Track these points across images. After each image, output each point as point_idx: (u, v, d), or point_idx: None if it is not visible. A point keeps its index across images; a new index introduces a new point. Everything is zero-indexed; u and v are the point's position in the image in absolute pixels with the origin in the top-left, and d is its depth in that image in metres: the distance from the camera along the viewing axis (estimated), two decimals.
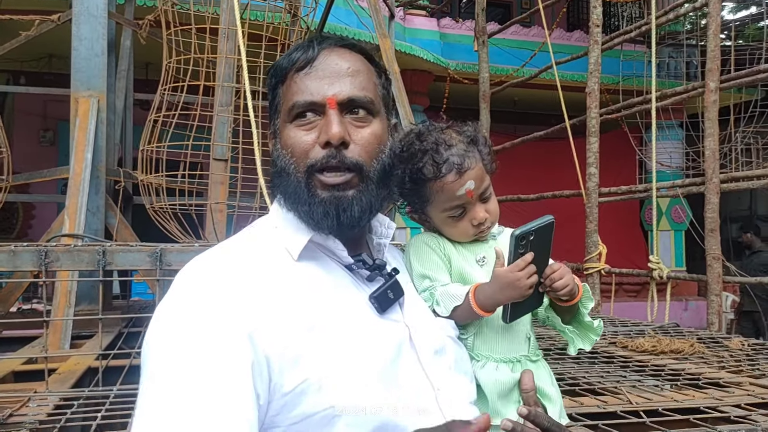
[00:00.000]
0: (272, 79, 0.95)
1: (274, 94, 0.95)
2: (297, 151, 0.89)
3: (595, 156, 5.14)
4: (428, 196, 1.16)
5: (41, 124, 9.37)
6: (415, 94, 8.54)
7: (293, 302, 0.83)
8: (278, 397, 0.78)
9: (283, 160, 0.91)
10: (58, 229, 3.45)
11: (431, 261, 1.15)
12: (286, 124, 0.91)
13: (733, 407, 1.84)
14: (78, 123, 3.51)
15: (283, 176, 0.91)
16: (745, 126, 8.81)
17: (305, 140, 0.89)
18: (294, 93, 0.90)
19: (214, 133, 3.42)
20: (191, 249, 2.19)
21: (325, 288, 0.88)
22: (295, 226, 0.92)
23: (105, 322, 3.07)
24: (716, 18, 4.46)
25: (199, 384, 0.73)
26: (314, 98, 0.89)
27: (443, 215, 1.17)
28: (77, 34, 3.65)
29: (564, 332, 1.20)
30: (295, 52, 0.93)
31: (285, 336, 0.79)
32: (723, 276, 4.37)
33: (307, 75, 0.90)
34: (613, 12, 10.90)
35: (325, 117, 0.89)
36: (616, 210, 8.26)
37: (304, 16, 4.44)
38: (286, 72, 0.93)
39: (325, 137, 0.87)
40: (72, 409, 1.90)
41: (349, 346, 0.83)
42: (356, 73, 0.92)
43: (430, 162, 1.13)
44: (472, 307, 1.06)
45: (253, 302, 0.80)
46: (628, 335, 3.26)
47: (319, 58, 0.91)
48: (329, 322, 0.84)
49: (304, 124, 0.90)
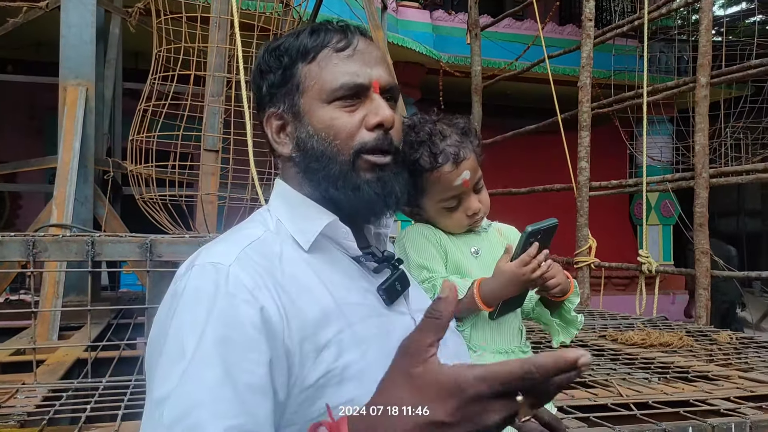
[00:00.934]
0: (284, 58, 0.91)
1: (290, 73, 0.91)
2: (342, 134, 0.87)
3: (586, 150, 5.15)
4: (424, 188, 1.16)
5: (29, 112, 9.26)
6: (407, 86, 8.52)
7: (308, 294, 0.81)
8: (298, 391, 0.77)
9: (320, 142, 0.88)
10: (45, 219, 3.42)
11: (428, 252, 1.16)
12: (321, 104, 0.88)
13: (723, 400, 1.85)
14: (66, 112, 3.47)
15: (321, 159, 0.88)
16: (735, 122, 8.87)
17: (351, 122, 0.88)
18: (337, 74, 0.88)
19: (205, 124, 3.39)
20: (181, 240, 2.17)
21: (338, 279, 0.87)
22: (305, 215, 0.90)
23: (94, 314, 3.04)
24: (708, 14, 4.47)
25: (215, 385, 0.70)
26: (362, 80, 0.88)
27: (438, 206, 1.18)
28: (66, 21, 3.60)
29: (550, 325, 1.22)
30: (324, 32, 0.91)
31: (302, 328, 0.78)
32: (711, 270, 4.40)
33: (349, 57, 0.89)
34: (605, 6, 10.91)
35: (368, 100, 0.89)
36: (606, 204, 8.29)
37: (297, 6, 4.41)
38: (315, 50, 0.90)
39: (378, 119, 0.87)
40: (61, 401, 1.88)
41: (364, 339, 0.82)
42: (386, 63, 0.93)
43: (426, 153, 1.14)
44: (476, 301, 1.07)
45: (267, 295, 0.78)
46: (618, 328, 3.28)
47: (359, 42, 0.91)
48: (344, 313, 0.82)
49: (347, 106, 0.88)
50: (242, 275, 0.78)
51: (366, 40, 0.92)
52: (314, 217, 0.90)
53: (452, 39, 9.76)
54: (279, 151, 0.94)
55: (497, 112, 9.91)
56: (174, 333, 0.75)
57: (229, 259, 0.80)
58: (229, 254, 0.81)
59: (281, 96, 0.92)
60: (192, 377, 0.71)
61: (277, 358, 0.75)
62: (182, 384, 0.71)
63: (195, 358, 0.72)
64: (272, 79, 0.92)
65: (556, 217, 1.07)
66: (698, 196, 4.42)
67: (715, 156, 8.66)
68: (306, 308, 0.80)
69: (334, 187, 0.89)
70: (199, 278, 0.79)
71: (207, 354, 0.72)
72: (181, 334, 0.74)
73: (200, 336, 0.73)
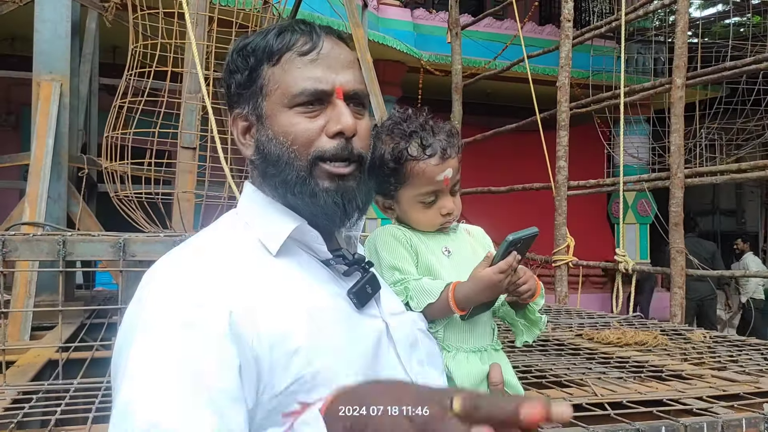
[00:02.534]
0: (251, 58, 0.89)
1: (255, 75, 0.89)
2: (300, 139, 0.86)
3: (564, 149, 5.19)
4: (406, 177, 1.18)
5: (4, 108, 9.08)
6: (387, 84, 8.51)
7: (276, 299, 0.80)
8: (268, 399, 0.75)
9: (278, 146, 0.87)
10: (18, 216, 3.35)
11: (399, 253, 1.17)
12: (282, 109, 0.87)
13: (696, 399, 1.87)
14: (39, 107, 3.41)
15: (277, 164, 0.87)
16: (710, 122, 9.00)
17: (310, 128, 0.86)
18: (299, 78, 0.86)
19: (182, 121, 3.35)
20: (156, 239, 2.14)
21: (306, 284, 0.86)
22: (272, 219, 0.89)
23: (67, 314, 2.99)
24: (684, 15, 4.53)
25: (184, 394, 0.69)
26: (324, 86, 0.86)
27: (415, 200, 1.20)
28: (40, 15, 3.53)
29: (515, 324, 1.25)
30: (290, 33, 0.88)
31: (271, 334, 0.76)
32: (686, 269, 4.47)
33: (313, 62, 0.87)
34: (584, 7, 11.01)
35: (331, 106, 0.87)
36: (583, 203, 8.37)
37: (276, 3, 4.37)
38: (280, 53, 0.88)
39: (339, 127, 0.86)
40: (30, 403, 1.84)
41: (335, 344, 0.81)
42: (354, 66, 0.91)
43: (417, 143, 1.16)
44: (450, 305, 1.08)
45: (234, 301, 0.76)
46: (594, 327, 3.31)
47: (324, 45, 0.88)
48: (313, 318, 0.81)
49: (308, 111, 0.86)
50: (209, 281, 0.77)
51: (334, 42, 0.90)
52: (282, 220, 0.89)
53: (433, 38, 9.76)
54: (244, 153, 0.93)
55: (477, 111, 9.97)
56: (140, 341, 0.73)
57: (195, 264, 0.79)
58: (195, 259, 0.80)
59: (247, 97, 0.90)
60: (160, 387, 0.69)
61: (246, 363, 0.74)
62: (150, 393, 0.69)
63: (163, 366, 0.70)
64: (239, 79, 0.91)
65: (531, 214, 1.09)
66: (673, 195, 4.48)
67: (691, 156, 8.79)
68: (275, 314, 0.79)
69: (291, 193, 0.88)
70: (164, 285, 0.77)
71: (175, 362, 0.71)
72: (148, 341, 0.73)
73: (167, 343, 0.72)
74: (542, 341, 2.85)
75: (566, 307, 4.55)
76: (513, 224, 1.25)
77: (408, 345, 0.95)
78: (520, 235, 1.06)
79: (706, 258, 7.12)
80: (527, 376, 2.15)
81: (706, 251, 7.44)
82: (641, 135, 10.23)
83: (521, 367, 2.29)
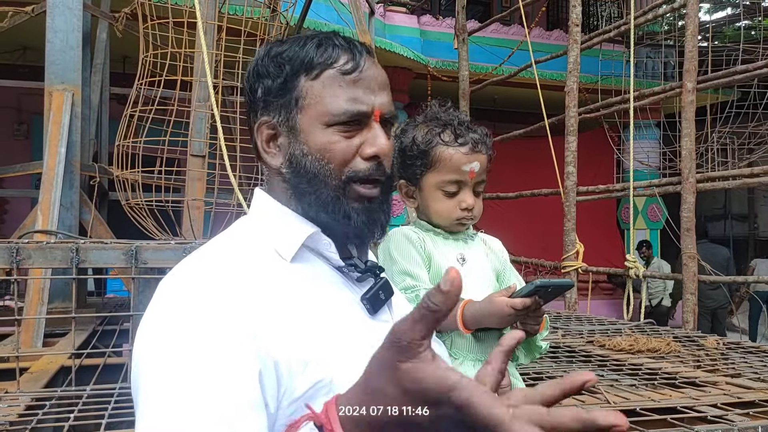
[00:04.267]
0: (286, 67, 0.87)
1: (290, 85, 0.87)
2: (337, 158, 0.86)
3: (573, 155, 5.18)
4: (433, 162, 1.21)
5: (16, 117, 9.17)
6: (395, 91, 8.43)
7: (293, 305, 0.80)
8: (287, 403, 0.75)
9: (313, 163, 0.86)
10: (30, 225, 3.38)
11: (412, 257, 1.17)
12: (319, 126, 0.86)
13: (710, 407, 1.85)
14: (51, 117, 3.44)
15: (313, 181, 0.86)
16: (722, 126, 8.95)
17: (347, 148, 0.86)
18: (340, 98, 0.85)
19: (192, 129, 3.37)
20: (167, 247, 2.15)
21: (321, 290, 0.86)
22: (286, 226, 0.88)
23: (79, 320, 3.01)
24: (694, 19, 4.52)
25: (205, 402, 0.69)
26: (365, 109, 0.86)
27: (437, 187, 1.22)
28: (51, 26, 3.57)
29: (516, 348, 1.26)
30: (331, 48, 0.87)
31: (290, 339, 0.77)
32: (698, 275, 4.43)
33: (354, 82, 0.86)
34: (592, 12, 10.99)
35: (368, 128, 0.87)
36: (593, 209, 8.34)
37: (284, 11, 4.40)
38: (321, 68, 0.86)
39: (374, 150, 0.86)
40: (44, 410, 1.86)
41: (350, 350, 0.81)
42: (388, 86, 0.91)
43: (451, 131, 1.21)
44: (457, 322, 1.09)
45: (252, 307, 0.76)
46: (605, 334, 3.29)
47: (365, 64, 0.87)
48: (329, 324, 0.82)
49: (346, 131, 0.86)
50: (225, 289, 0.77)
51: (372, 62, 0.90)
52: (296, 228, 0.88)
53: (440, 44, 9.78)
54: (268, 162, 0.92)
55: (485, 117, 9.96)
56: (160, 352, 0.73)
57: (210, 272, 0.79)
58: (210, 267, 0.80)
59: (277, 106, 0.89)
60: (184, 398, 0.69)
61: (265, 368, 0.74)
62: (174, 405, 0.69)
63: (185, 377, 0.70)
64: (269, 85, 0.89)
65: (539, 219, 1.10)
66: (685, 200, 4.45)
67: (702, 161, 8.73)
68: (291, 321, 0.79)
69: (324, 212, 0.87)
70: (181, 294, 0.77)
71: (196, 372, 0.71)
72: (168, 353, 0.73)
73: (187, 354, 0.72)
74: (553, 348, 2.83)
75: (576, 313, 4.53)
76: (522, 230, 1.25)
77: None
78: (551, 282, 1.06)
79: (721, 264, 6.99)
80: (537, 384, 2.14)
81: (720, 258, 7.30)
82: (651, 140, 10.18)
83: (531, 374, 2.28)
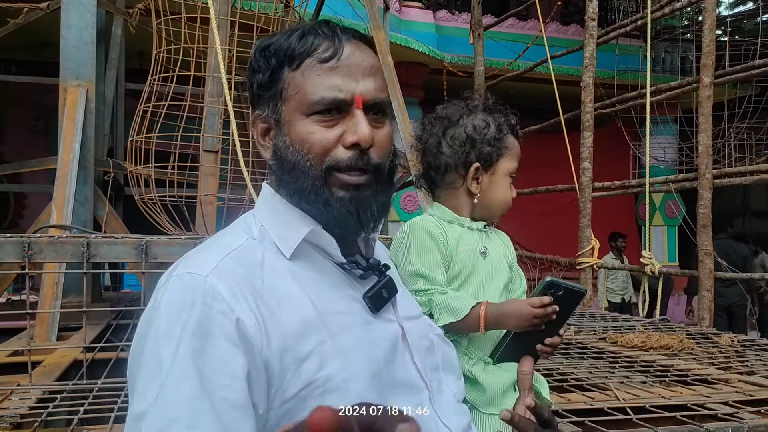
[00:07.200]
0: (272, 59, 0.87)
1: (276, 77, 0.87)
2: (316, 148, 0.84)
3: (589, 150, 5.13)
4: (507, 150, 1.29)
5: (33, 113, 9.27)
6: (409, 87, 8.50)
7: (288, 303, 0.80)
8: (279, 403, 0.75)
9: (294, 154, 0.85)
10: (45, 219, 3.42)
11: (431, 257, 1.16)
12: (300, 116, 0.85)
13: (721, 404, 1.83)
14: (66, 113, 3.48)
15: (293, 171, 0.85)
16: (739, 122, 8.81)
17: (326, 138, 0.84)
18: (317, 86, 0.84)
19: (205, 125, 3.39)
20: (177, 242, 2.17)
21: (321, 287, 0.85)
22: (288, 222, 0.88)
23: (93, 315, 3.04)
24: (711, 13, 4.45)
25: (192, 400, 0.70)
26: (343, 96, 0.84)
27: (508, 172, 1.29)
28: (66, 22, 3.61)
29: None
30: (313, 37, 0.86)
31: (282, 339, 0.76)
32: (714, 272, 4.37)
33: (332, 69, 0.84)
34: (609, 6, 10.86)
35: (349, 116, 0.84)
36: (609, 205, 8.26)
37: (297, 6, 4.40)
38: (300, 57, 0.85)
39: (355, 138, 0.83)
40: (55, 403, 1.88)
41: (348, 349, 0.80)
42: (377, 72, 0.88)
43: (512, 123, 1.31)
44: (480, 323, 1.12)
45: (245, 305, 0.76)
46: (618, 330, 3.26)
47: (345, 50, 0.85)
48: (326, 322, 0.81)
49: (326, 120, 0.84)
50: (219, 285, 0.76)
51: (356, 47, 0.87)
52: (297, 223, 0.87)
53: (455, 39, 9.73)
54: (263, 155, 0.92)
55: None
56: (151, 347, 0.74)
57: (207, 268, 0.78)
58: (207, 264, 0.79)
59: (267, 99, 0.89)
60: (168, 392, 0.70)
61: (255, 370, 0.74)
62: (159, 399, 0.70)
63: (171, 372, 0.71)
64: (260, 80, 0.89)
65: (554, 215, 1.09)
66: (702, 197, 4.39)
67: (719, 156, 8.61)
68: (286, 319, 0.78)
69: (305, 201, 0.86)
70: (175, 290, 0.77)
71: (183, 368, 0.71)
72: (158, 348, 0.73)
73: (176, 350, 0.72)
74: (565, 344, 2.81)
75: (590, 310, 4.49)
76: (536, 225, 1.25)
77: (424, 350, 0.94)
78: (563, 283, 1.06)
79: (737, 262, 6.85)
80: (548, 380, 2.12)
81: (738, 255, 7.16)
82: (668, 135, 10.06)
83: (542, 371, 2.26)
